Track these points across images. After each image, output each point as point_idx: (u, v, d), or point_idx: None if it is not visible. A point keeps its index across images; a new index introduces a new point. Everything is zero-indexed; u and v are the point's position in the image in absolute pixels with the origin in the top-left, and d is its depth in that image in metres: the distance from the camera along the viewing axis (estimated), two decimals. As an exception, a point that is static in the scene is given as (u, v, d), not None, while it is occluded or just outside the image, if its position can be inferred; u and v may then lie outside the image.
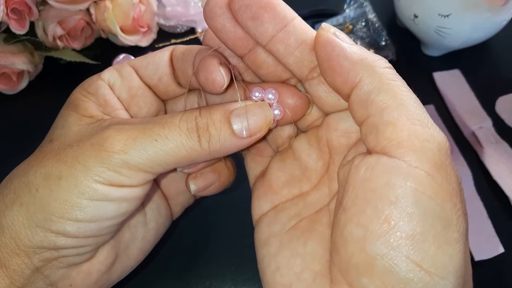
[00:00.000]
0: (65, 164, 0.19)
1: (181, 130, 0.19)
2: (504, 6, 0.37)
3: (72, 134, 0.20)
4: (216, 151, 0.19)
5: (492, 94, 0.43)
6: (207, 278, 0.34)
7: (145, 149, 0.19)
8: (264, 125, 0.19)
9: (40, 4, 0.39)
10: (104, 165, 0.19)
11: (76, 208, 0.19)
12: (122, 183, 0.19)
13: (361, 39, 0.45)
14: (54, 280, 0.21)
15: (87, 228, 0.19)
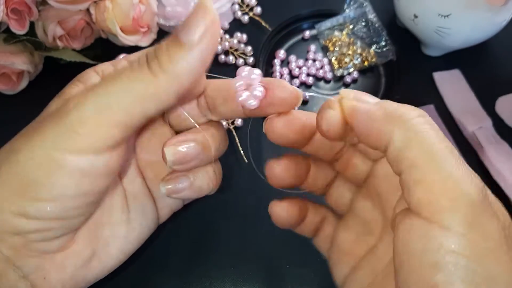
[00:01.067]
0: (25, 137, 0.18)
1: (131, 68, 0.18)
2: (504, 6, 0.37)
3: (49, 112, 0.19)
4: (175, 75, 0.17)
5: (492, 94, 0.43)
6: (207, 278, 0.34)
7: (98, 97, 0.17)
8: (211, 24, 0.17)
9: (40, 4, 0.39)
10: (60, 128, 0.17)
11: (33, 184, 0.17)
12: (81, 147, 0.17)
13: (361, 39, 0.45)
14: (27, 272, 0.19)
15: (47, 209, 0.18)
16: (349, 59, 0.44)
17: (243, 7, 0.48)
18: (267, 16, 0.48)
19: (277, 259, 0.35)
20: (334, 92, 0.44)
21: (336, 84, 0.44)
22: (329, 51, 0.45)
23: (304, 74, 0.44)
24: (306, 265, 0.35)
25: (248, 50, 0.45)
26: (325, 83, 0.44)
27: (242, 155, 0.39)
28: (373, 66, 0.45)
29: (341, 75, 0.44)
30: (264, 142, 0.41)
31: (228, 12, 0.48)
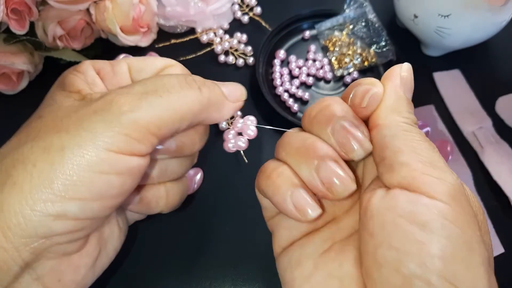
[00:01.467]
0: (67, 133, 0.17)
1: (180, 83, 0.20)
2: (504, 6, 0.37)
3: (65, 108, 0.19)
4: (210, 100, 0.21)
5: (492, 94, 0.43)
6: (207, 278, 0.34)
7: (152, 106, 0.18)
8: (241, 97, 0.23)
9: (40, 4, 0.39)
10: (114, 128, 0.17)
11: (81, 184, 0.17)
12: (132, 150, 0.18)
13: (361, 39, 0.45)
14: (41, 274, 0.19)
15: (90, 207, 0.18)
16: (349, 59, 0.44)
17: (243, 7, 0.48)
18: (267, 16, 0.48)
19: (277, 259, 0.35)
20: (334, 92, 0.44)
21: (336, 84, 0.44)
22: (329, 51, 0.45)
23: (304, 74, 0.44)
24: (306, 265, 0.35)
25: (248, 50, 0.45)
26: (325, 83, 0.44)
27: (242, 155, 0.39)
28: (373, 66, 0.45)
29: (341, 75, 0.44)
30: (264, 143, 0.41)
31: (228, 12, 0.48)
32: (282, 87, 0.43)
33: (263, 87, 0.41)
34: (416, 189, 0.17)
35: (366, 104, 0.20)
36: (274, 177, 0.20)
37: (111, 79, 0.22)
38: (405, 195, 0.17)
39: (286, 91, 0.43)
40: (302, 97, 0.43)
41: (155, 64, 0.23)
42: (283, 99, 0.42)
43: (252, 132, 0.24)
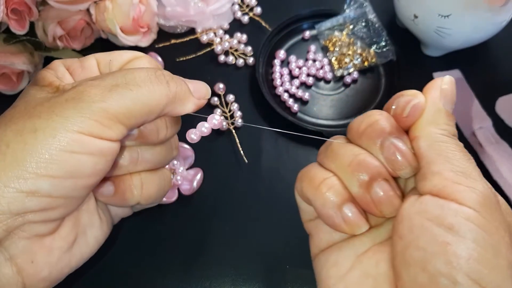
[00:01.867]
0: (40, 118, 0.18)
1: (150, 77, 0.21)
2: (504, 7, 0.37)
3: (38, 98, 0.20)
4: (176, 96, 0.22)
5: (492, 95, 0.43)
6: (207, 278, 0.34)
7: (122, 98, 0.19)
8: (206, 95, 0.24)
9: (40, 5, 0.39)
10: (84, 114, 0.18)
11: (53, 162, 0.18)
12: (102, 135, 0.19)
13: (361, 39, 0.45)
14: (14, 253, 0.19)
15: (62, 185, 0.19)
16: (349, 59, 0.44)
17: (243, 7, 0.48)
18: (267, 16, 0.48)
19: (277, 259, 0.35)
20: (334, 92, 0.44)
21: (336, 84, 0.44)
22: (329, 51, 0.45)
23: (304, 74, 0.44)
24: (306, 265, 0.35)
25: (248, 51, 0.45)
26: (325, 83, 0.44)
27: (242, 155, 0.39)
28: (373, 66, 0.45)
29: (341, 75, 0.44)
30: (264, 142, 0.41)
31: (228, 12, 0.48)
32: (282, 87, 0.43)
33: (263, 87, 0.41)
34: (446, 196, 0.18)
35: (407, 114, 0.21)
36: (323, 189, 0.21)
37: (80, 74, 0.23)
38: (434, 200, 0.18)
39: (286, 91, 0.43)
40: (302, 97, 0.43)
41: (122, 57, 0.24)
42: (283, 99, 0.42)
43: (216, 121, 0.24)
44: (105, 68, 0.24)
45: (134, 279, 0.34)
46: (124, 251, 0.35)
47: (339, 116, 0.42)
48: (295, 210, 0.37)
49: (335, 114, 0.42)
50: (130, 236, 0.36)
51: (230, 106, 0.42)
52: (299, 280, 0.35)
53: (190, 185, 0.37)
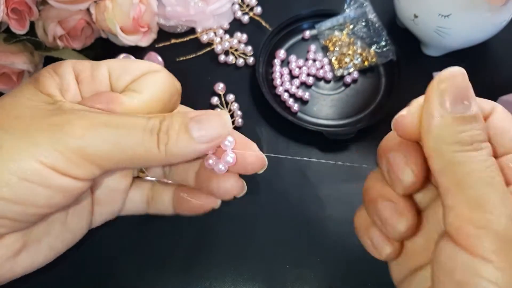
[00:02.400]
0: (12, 135, 0.18)
1: (144, 130, 0.19)
2: (504, 6, 0.37)
3: (24, 106, 0.19)
4: (173, 155, 0.19)
5: (492, 94, 0.43)
6: (207, 278, 0.34)
7: (105, 140, 0.18)
8: (222, 133, 0.20)
9: (40, 4, 0.39)
10: (56, 146, 0.18)
11: (5, 184, 0.17)
12: (68, 172, 0.18)
13: (361, 39, 0.45)
14: None
15: (9, 208, 0.18)
16: (349, 59, 0.44)
17: (243, 7, 0.48)
18: (267, 16, 0.48)
19: (277, 259, 0.35)
20: (334, 92, 0.44)
21: (336, 84, 0.44)
22: (329, 51, 0.45)
23: (304, 74, 0.44)
24: (306, 265, 0.35)
25: (248, 50, 0.45)
26: (325, 83, 0.44)
27: (242, 155, 0.39)
28: (373, 66, 0.45)
29: (341, 75, 0.44)
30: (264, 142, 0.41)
31: (228, 12, 0.48)
32: (282, 87, 0.43)
33: (263, 87, 0.41)
34: (460, 241, 0.16)
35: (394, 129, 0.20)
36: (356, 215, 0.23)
37: (89, 84, 0.22)
38: (448, 248, 0.16)
39: (286, 91, 0.43)
40: (302, 97, 0.43)
41: (137, 69, 0.22)
42: (283, 99, 0.42)
43: (231, 159, 0.21)
44: (117, 81, 0.22)
45: (134, 279, 0.34)
46: (124, 251, 0.35)
47: (339, 116, 0.42)
48: (295, 210, 0.38)
49: (335, 114, 0.42)
50: (129, 236, 0.36)
51: (230, 106, 0.42)
52: (299, 280, 0.35)
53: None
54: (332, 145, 0.40)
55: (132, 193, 0.24)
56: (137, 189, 0.24)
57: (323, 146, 0.40)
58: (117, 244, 0.35)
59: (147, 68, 0.22)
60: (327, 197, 0.38)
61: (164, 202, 0.24)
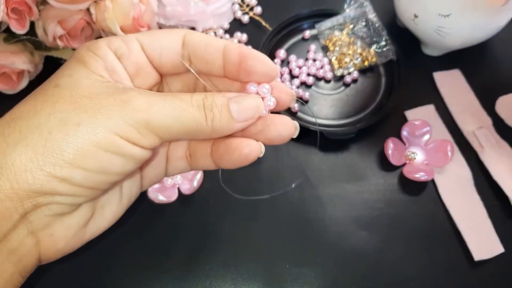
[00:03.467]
0: (85, 113, 0.20)
1: (193, 106, 0.21)
2: (504, 7, 0.37)
3: (85, 85, 0.21)
4: (216, 131, 0.22)
5: (492, 94, 0.43)
6: (207, 277, 0.34)
7: (166, 115, 0.21)
8: (256, 112, 0.23)
9: (40, 4, 0.39)
10: (126, 119, 0.20)
11: (89, 156, 0.19)
12: (137, 142, 0.20)
13: (361, 39, 0.45)
14: (36, 228, 0.21)
15: (92, 178, 0.20)
16: (349, 59, 0.44)
17: (243, 7, 0.48)
18: (267, 16, 0.48)
19: (277, 259, 0.35)
20: (334, 92, 0.44)
21: (336, 83, 0.44)
22: (329, 51, 0.45)
23: (304, 73, 0.44)
24: (306, 265, 0.35)
25: (248, 50, 0.45)
26: (325, 82, 0.44)
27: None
28: (373, 66, 0.45)
29: (341, 75, 0.44)
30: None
31: (228, 12, 0.48)
32: (282, 86, 0.43)
33: (263, 86, 0.41)
34: None
35: None
36: None
37: (128, 58, 0.23)
38: None
39: (286, 91, 0.43)
40: (302, 97, 0.43)
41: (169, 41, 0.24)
42: (283, 99, 0.42)
43: (272, 103, 0.23)
44: (152, 51, 0.24)
45: (134, 278, 0.34)
46: (124, 251, 0.35)
47: (339, 116, 0.42)
48: (295, 210, 0.38)
49: (335, 114, 0.42)
50: (130, 235, 0.36)
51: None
52: (299, 279, 0.35)
53: (190, 184, 0.37)
54: (332, 145, 0.40)
55: (171, 152, 0.26)
56: (175, 147, 0.26)
57: (323, 146, 0.40)
58: (117, 244, 0.35)
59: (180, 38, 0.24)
60: (327, 197, 0.38)
61: (204, 157, 0.25)
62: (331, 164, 0.40)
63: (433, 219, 0.37)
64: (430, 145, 0.39)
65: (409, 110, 0.42)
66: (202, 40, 0.23)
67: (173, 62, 0.24)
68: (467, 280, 0.35)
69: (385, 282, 0.35)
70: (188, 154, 0.26)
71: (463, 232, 0.36)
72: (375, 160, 0.40)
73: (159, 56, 0.24)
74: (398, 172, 0.39)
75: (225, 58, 0.23)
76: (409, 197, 0.38)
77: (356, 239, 0.36)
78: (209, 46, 0.23)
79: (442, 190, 0.38)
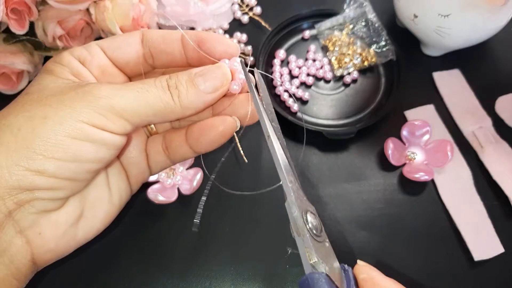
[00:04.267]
0: (50, 107, 0.20)
1: (157, 86, 0.22)
2: (503, 6, 0.37)
3: (51, 88, 0.22)
4: (186, 107, 0.22)
5: (492, 94, 0.43)
6: (207, 277, 0.34)
7: (129, 98, 0.21)
8: (224, 79, 0.23)
9: (39, 4, 0.39)
10: (91, 107, 0.20)
11: (59, 146, 0.20)
12: (105, 127, 0.21)
13: (361, 39, 0.45)
14: (23, 226, 0.21)
15: (66, 168, 0.20)
16: (349, 59, 0.44)
17: (243, 7, 0.48)
18: (267, 16, 0.48)
19: (276, 259, 0.35)
20: (334, 92, 0.44)
21: (336, 83, 0.44)
22: (329, 51, 0.45)
23: (304, 74, 0.44)
24: (306, 265, 0.35)
25: (248, 50, 0.45)
26: (325, 83, 0.44)
27: (242, 155, 0.39)
28: (373, 66, 0.45)
29: (341, 75, 0.44)
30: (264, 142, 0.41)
31: (228, 12, 0.48)
32: (282, 86, 0.43)
33: (263, 87, 0.41)
34: None
35: None
36: None
37: (91, 62, 0.24)
38: None
39: (286, 91, 0.43)
40: (302, 97, 0.43)
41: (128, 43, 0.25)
42: (283, 99, 0.42)
43: (242, 75, 0.24)
44: (110, 53, 0.25)
45: (134, 278, 0.34)
46: (124, 250, 0.35)
47: (339, 116, 0.42)
48: (295, 210, 0.38)
49: (335, 114, 0.42)
50: (130, 235, 0.36)
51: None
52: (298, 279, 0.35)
53: (190, 184, 0.37)
54: (332, 145, 0.40)
55: (149, 147, 0.27)
56: (152, 144, 0.27)
57: (323, 146, 0.40)
58: (117, 244, 0.35)
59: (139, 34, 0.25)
60: (327, 197, 0.38)
61: (180, 145, 0.26)
62: (331, 164, 0.40)
63: (433, 219, 0.37)
64: (430, 145, 0.39)
65: (409, 110, 0.42)
66: (159, 35, 0.24)
67: (135, 61, 0.25)
68: (467, 280, 0.35)
69: (385, 282, 0.35)
70: (164, 147, 0.27)
71: (463, 232, 0.36)
72: (375, 160, 0.40)
73: (121, 57, 0.25)
74: (398, 172, 0.39)
75: (185, 47, 0.24)
76: (409, 197, 0.38)
77: (356, 239, 0.36)
78: (166, 38, 0.24)
79: (442, 190, 0.38)
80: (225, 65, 0.23)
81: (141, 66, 0.25)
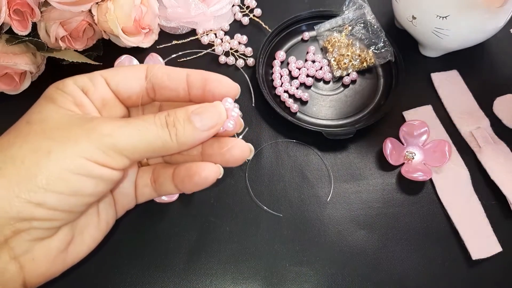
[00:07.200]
0: (55, 141, 0.21)
1: (156, 125, 0.23)
2: (501, 8, 0.37)
3: (54, 119, 0.22)
4: (182, 144, 0.23)
5: (490, 95, 0.43)
6: (208, 276, 0.35)
7: (130, 136, 0.22)
8: (219, 118, 0.24)
9: (42, 5, 0.39)
10: (94, 144, 0.21)
11: (61, 180, 0.20)
12: (106, 163, 0.22)
13: (360, 40, 0.46)
14: (18, 253, 0.21)
15: (66, 201, 0.21)
16: (348, 60, 0.45)
17: (243, 9, 0.49)
18: (267, 17, 0.48)
19: (277, 258, 0.36)
20: (333, 93, 0.44)
21: (335, 84, 0.44)
22: (328, 52, 0.46)
23: (303, 74, 0.44)
24: (306, 264, 0.35)
25: (248, 51, 0.46)
26: (324, 83, 0.45)
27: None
28: (372, 67, 0.45)
29: (340, 76, 0.44)
30: (264, 142, 0.41)
31: (228, 14, 0.48)
32: (281, 87, 0.43)
33: (263, 87, 0.42)
34: None
35: None
36: None
37: (94, 93, 0.25)
38: None
39: (286, 92, 0.43)
40: (301, 97, 0.43)
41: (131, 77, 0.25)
42: (283, 99, 0.43)
43: (235, 113, 0.24)
44: (113, 85, 0.25)
45: (135, 277, 0.35)
46: (125, 250, 0.36)
47: (338, 116, 0.42)
48: (295, 209, 0.38)
49: (334, 114, 0.43)
50: (131, 234, 0.36)
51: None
52: (298, 278, 0.35)
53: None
54: (331, 145, 0.41)
55: (138, 181, 0.28)
56: (141, 177, 0.28)
57: (322, 146, 0.41)
58: (118, 243, 0.36)
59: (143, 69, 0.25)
60: (326, 197, 0.38)
61: (167, 182, 0.26)
62: (330, 164, 0.40)
63: (431, 218, 0.37)
64: (428, 145, 0.39)
65: (407, 111, 0.42)
66: (164, 72, 0.25)
67: (137, 94, 0.25)
68: (465, 279, 0.35)
69: (383, 280, 0.35)
70: (152, 180, 0.27)
71: (461, 231, 0.36)
72: (373, 160, 0.40)
73: (124, 90, 0.25)
74: (397, 172, 0.40)
75: (190, 84, 0.25)
76: (407, 196, 0.39)
77: (355, 238, 0.37)
78: (171, 76, 0.25)
79: (440, 189, 0.38)
80: (220, 104, 0.24)
81: (140, 99, 0.26)
